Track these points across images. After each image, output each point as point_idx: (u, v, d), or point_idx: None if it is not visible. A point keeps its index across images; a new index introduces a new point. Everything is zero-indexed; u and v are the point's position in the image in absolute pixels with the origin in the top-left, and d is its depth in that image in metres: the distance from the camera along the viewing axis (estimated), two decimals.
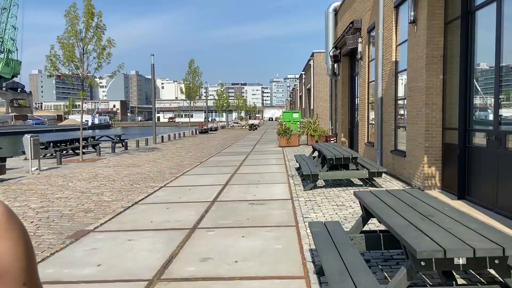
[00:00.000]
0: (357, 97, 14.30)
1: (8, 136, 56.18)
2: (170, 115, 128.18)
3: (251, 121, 56.25)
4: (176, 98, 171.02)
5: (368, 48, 12.19)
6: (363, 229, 4.01)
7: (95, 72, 14.07)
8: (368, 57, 12.24)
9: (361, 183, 8.35)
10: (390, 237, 3.74)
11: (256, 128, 47.47)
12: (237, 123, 65.82)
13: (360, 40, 12.72)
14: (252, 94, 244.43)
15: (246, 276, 3.90)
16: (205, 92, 60.09)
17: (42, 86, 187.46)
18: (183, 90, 37.78)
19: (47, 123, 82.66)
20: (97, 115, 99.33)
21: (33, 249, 0.67)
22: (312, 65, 29.16)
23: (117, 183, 9.91)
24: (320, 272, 3.82)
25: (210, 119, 56.79)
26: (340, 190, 7.86)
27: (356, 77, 14.62)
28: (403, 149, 8.69)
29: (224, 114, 68.40)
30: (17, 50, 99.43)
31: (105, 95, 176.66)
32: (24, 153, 15.60)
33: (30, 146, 10.94)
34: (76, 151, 17.54)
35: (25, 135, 11.42)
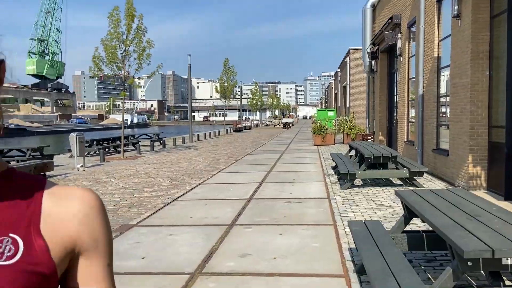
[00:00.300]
0: (396, 94, 13.97)
1: (54, 135, 58.87)
2: (205, 114, 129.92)
3: (285, 120, 56.13)
4: (211, 97, 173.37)
5: (408, 44, 11.89)
6: (405, 229, 3.93)
7: (135, 72, 14.52)
8: (408, 53, 11.93)
9: (401, 182, 8.17)
10: (433, 237, 3.65)
11: (290, 127, 47.33)
12: (270, 121, 65.87)
13: (399, 36, 12.42)
14: (286, 93, 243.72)
15: (285, 273, 3.92)
16: (239, 91, 60.53)
17: (84, 87, 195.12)
18: (218, 89, 38.22)
19: (89, 122, 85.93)
20: (136, 114, 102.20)
21: None
22: (348, 62, 28.74)
23: (156, 180, 10.18)
24: (360, 271, 3.78)
25: (244, 118, 57.13)
26: (378, 190, 7.73)
27: (395, 74, 14.29)
28: (446, 148, 8.42)
29: (257, 112, 68.61)
30: (61, 52, 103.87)
31: (143, 95, 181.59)
32: (69, 150, 16.32)
33: (76, 144, 11.44)
34: (117, 149, 18.15)
35: (71, 133, 11.94)
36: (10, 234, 0.63)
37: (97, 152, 15.66)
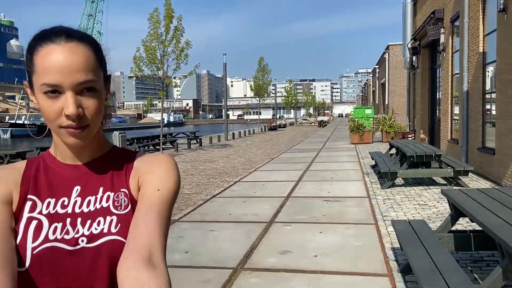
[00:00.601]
0: (439, 91, 13.53)
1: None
2: (239, 112, 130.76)
3: (320, 118, 55.58)
4: (245, 95, 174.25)
5: (452, 39, 11.49)
6: (451, 228, 3.83)
7: (173, 73, 14.85)
8: (452, 48, 11.53)
9: (445, 182, 7.92)
10: (481, 237, 3.55)
11: (325, 125, 46.82)
12: (305, 119, 65.38)
13: (442, 30, 12.02)
14: (321, 90, 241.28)
15: (327, 271, 3.92)
16: (273, 89, 60.47)
17: (123, 87, 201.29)
18: (253, 87, 38.36)
19: (128, 121, 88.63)
20: (172, 113, 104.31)
21: None
22: (387, 59, 28.09)
23: (195, 177, 10.38)
24: (404, 271, 3.72)
25: (278, 116, 57.00)
26: (421, 189, 7.53)
27: (438, 70, 13.85)
28: (492, 147, 8.09)
29: (292, 111, 68.33)
30: None
31: (179, 94, 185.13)
32: None
33: (119, 142, 11.85)
34: (156, 147, 18.65)
35: (114, 131, 12.39)
36: (122, 189, 0.91)
37: (138, 150, 16.14)
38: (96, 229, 0.85)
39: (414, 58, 16.20)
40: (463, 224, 4.90)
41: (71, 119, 0.82)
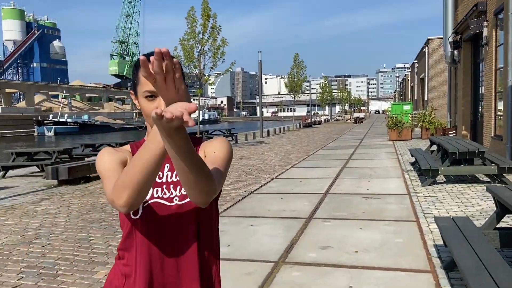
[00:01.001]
0: (482, 86, 13.07)
1: (134, 131, 62.92)
2: (273, 109, 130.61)
3: (356, 114, 54.73)
4: (279, 92, 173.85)
5: (495, 32, 11.07)
6: (497, 225, 3.76)
7: (210, 71, 15.11)
8: (496, 41, 11.11)
9: (488, 179, 7.69)
10: None
11: (361, 122, 46.08)
12: (341, 116, 64.55)
13: (485, 23, 11.59)
14: (357, 86, 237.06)
15: (369, 266, 3.95)
16: (307, 86, 60.00)
17: None
18: (287, 84, 38.28)
19: None
20: (207, 111, 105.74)
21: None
22: (426, 53, 27.28)
23: (232, 174, 10.56)
24: (448, 268, 3.70)
25: (312, 113, 56.61)
26: (464, 187, 7.35)
27: (481, 64, 13.37)
28: None
29: (327, 107, 67.63)
30: (139, 53, 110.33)
31: (213, 92, 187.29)
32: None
33: None
34: None
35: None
36: None
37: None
38: (184, 192, 1.25)
39: (455, 52, 15.70)
40: (508, 222, 4.78)
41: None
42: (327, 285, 3.56)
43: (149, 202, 1.24)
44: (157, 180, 1.27)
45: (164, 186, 1.27)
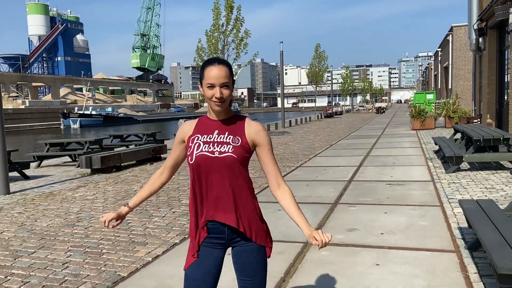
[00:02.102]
0: (508, 73, 12.88)
1: (156, 123, 63.92)
2: (293, 100, 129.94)
3: (377, 104, 54.12)
4: (299, 83, 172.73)
5: None
6: None
7: (233, 62, 15.31)
8: None
9: None
10: None
11: (383, 111, 45.61)
12: (362, 106, 63.90)
13: (511, 10, 11.40)
14: (378, 76, 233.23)
15: (394, 246, 4.13)
16: (328, 76, 59.53)
17: (180, 77, 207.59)
18: (309, 75, 38.17)
19: (186, 111, 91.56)
20: None
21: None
22: (450, 41, 26.78)
23: (256, 163, 10.79)
24: (472, 248, 3.85)
25: (333, 103, 56.21)
26: (488, 174, 7.40)
27: (506, 51, 13.16)
28: None
29: (348, 97, 67.05)
30: (160, 45, 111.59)
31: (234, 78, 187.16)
32: (175, 136, 17.86)
33: None
34: None
35: (180, 120, 13.22)
36: (237, 135, 1.86)
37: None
38: (223, 149, 1.83)
39: (480, 39, 15.44)
40: None
41: (217, 99, 1.81)
42: (355, 263, 3.76)
43: (199, 153, 1.84)
44: (208, 139, 1.86)
45: (211, 144, 1.85)
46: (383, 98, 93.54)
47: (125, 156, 9.96)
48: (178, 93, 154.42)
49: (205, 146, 1.83)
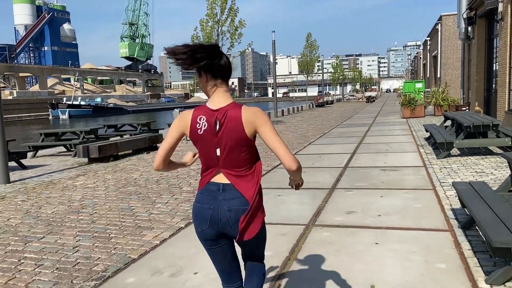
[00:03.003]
0: (496, 62, 13.16)
1: (147, 113, 63.52)
2: (284, 90, 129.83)
3: (368, 93, 54.53)
4: (290, 73, 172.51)
5: (510, 7, 11.12)
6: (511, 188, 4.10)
7: (227, 51, 15.36)
8: (510, 17, 11.18)
9: (502, 152, 7.96)
10: None
11: (373, 101, 45.97)
12: (353, 95, 64.28)
13: None
14: (368, 65, 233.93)
15: (391, 227, 4.34)
16: (318, 66, 59.67)
17: (170, 67, 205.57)
18: (300, 64, 38.25)
19: (177, 101, 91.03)
20: None
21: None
22: (439, 30, 27.05)
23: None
24: (465, 227, 4.07)
25: (324, 93, 56.50)
26: (478, 159, 7.66)
27: (495, 40, 13.42)
28: None
29: (338, 87, 67.32)
30: (149, 34, 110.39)
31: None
32: (169, 126, 17.88)
33: None
34: None
35: (175, 109, 13.20)
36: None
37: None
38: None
39: (469, 28, 15.69)
40: None
41: None
42: (355, 242, 3.96)
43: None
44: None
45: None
46: (372, 87, 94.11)
47: (122, 145, 10.03)
48: (168, 83, 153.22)
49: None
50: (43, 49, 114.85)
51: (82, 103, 62.44)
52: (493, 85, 13.73)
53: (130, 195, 6.37)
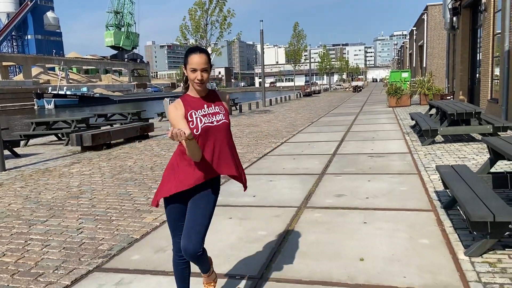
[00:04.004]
0: (479, 51, 13.54)
1: (134, 103, 63.03)
2: (271, 80, 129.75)
3: (354, 83, 54.97)
4: (277, 62, 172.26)
5: None
6: (490, 170, 4.40)
7: (216, 41, 15.44)
8: (494, 7, 11.51)
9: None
10: None
11: (360, 90, 46.42)
12: (339, 85, 64.74)
13: None
14: (354, 55, 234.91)
15: (379, 208, 4.61)
16: (305, 55, 59.82)
17: (156, 56, 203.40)
18: (288, 54, 38.36)
19: (163, 90, 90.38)
20: None
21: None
22: (425, 20, 27.44)
23: (243, 139, 11.17)
24: (447, 207, 4.37)
25: (311, 82, 56.78)
26: (461, 145, 8.00)
27: (479, 30, 13.78)
28: None
29: (325, 76, 67.64)
30: (135, 23, 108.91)
31: (212, 63, 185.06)
32: (159, 115, 17.95)
33: (168, 107, 12.74)
34: None
35: (165, 99, 13.29)
36: (219, 104, 2.40)
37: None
38: (218, 118, 2.32)
39: (454, 18, 16.04)
40: (500, 167, 5.41)
41: (199, 80, 2.26)
42: (345, 222, 4.23)
43: (203, 125, 2.28)
44: (204, 113, 2.31)
45: (209, 116, 2.32)
46: (359, 77, 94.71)
47: (115, 134, 10.14)
48: (154, 72, 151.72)
49: (205, 119, 2.30)
50: (26, 37, 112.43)
51: (68, 92, 61.68)
52: (477, 75, 14.13)
53: (127, 181, 6.54)
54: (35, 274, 3.36)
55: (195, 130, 2.23)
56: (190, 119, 2.26)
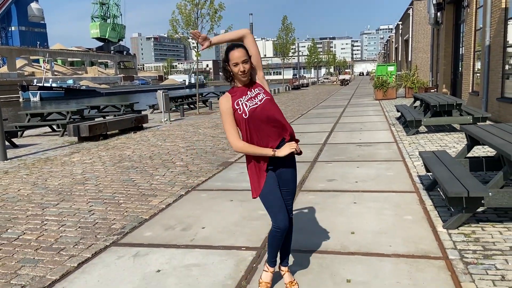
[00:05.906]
0: (462, 46, 14.07)
1: (121, 95, 62.65)
2: None
3: (342, 77, 55.59)
4: (265, 55, 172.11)
5: None
6: (467, 155, 4.85)
7: (207, 34, 15.64)
8: (476, 3, 12.01)
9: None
10: (490, 161, 4.58)
11: (347, 83, 47.05)
12: (327, 79, 65.34)
13: None
14: (341, 49, 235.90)
15: (367, 190, 5.03)
16: (293, 48, 60.14)
17: (142, 49, 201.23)
18: (277, 47, 38.65)
19: (151, 83, 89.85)
20: (193, 75, 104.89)
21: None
22: (411, 14, 28.01)
23: None
24: (429, 189, 4.81)
25: (299, 76, 57.29)
26: (443, 135, 8.49)
27: (462, 25, 14.31)
28: (510, 96, 8.88)
29: (313, 70, 68.10)
30: (121, 15, 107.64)
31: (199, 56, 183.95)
32: (151, 107, 18.16)
33: (163, 100, 13.00)
34: (190, 106, 19.83)
35: (158, 91, 13.52)
36: (259, 88, 2.63)
37: (174, 108, 17.35)
38: (260, 97, 2.54)
39: (438, 14, 16.55)
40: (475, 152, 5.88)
41: (242, 72, 2.49)
42: (337, 202, 4.63)
43: (249, 109, 2.51)
44: (248, 98, 2.53)
45: (252, 99, 2.54)
46: (346, 70, 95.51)
47: (111, 125, 10.39)
48: (141, 65, 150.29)
49: (249, 102, 2.53)
50: (10, 29, 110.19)
51: (54, 85, 60.99)
52: (459, 68, 14.68)
53: (128, 169, 6.85)
54: (57, 249, 3.69)
55: (243, 115, 2.48)
56: (237, 106, 2.50)
